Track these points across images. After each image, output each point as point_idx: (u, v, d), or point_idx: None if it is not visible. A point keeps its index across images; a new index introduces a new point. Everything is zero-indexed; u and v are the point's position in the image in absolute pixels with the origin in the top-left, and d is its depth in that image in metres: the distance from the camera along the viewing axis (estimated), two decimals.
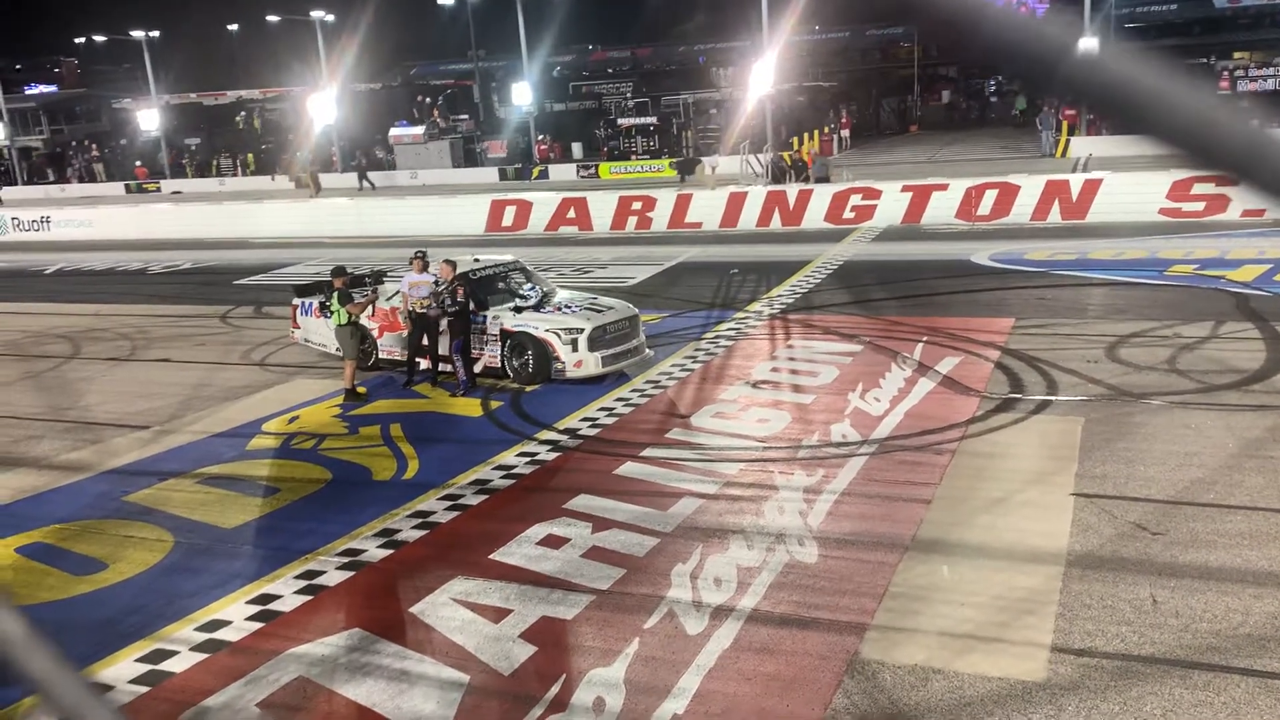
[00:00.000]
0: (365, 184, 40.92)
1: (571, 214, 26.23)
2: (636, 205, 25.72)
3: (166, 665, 6.39)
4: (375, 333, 13.38)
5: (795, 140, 36.80)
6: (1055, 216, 21.83)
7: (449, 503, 8.82)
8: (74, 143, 58.84)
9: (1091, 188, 21.87)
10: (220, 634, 6.76)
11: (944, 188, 23.02)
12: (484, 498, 8.93)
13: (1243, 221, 19.96)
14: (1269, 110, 28.30)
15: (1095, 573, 6.84)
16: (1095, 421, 9.74)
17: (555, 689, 5.87)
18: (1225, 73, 38.50)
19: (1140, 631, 6.09)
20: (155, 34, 49.52)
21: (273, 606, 7.10)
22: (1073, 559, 7.06)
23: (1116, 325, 13.16)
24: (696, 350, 13.54)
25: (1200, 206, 20.68)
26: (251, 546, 8.29)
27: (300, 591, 7.31)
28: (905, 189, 23.37)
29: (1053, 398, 10.58)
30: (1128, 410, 10.05)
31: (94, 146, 56.34)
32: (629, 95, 51.72)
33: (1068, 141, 34.80)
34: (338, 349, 12.87)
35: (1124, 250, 18.18)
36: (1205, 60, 41.47)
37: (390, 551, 7.92)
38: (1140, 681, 5.60)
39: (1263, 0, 48.10)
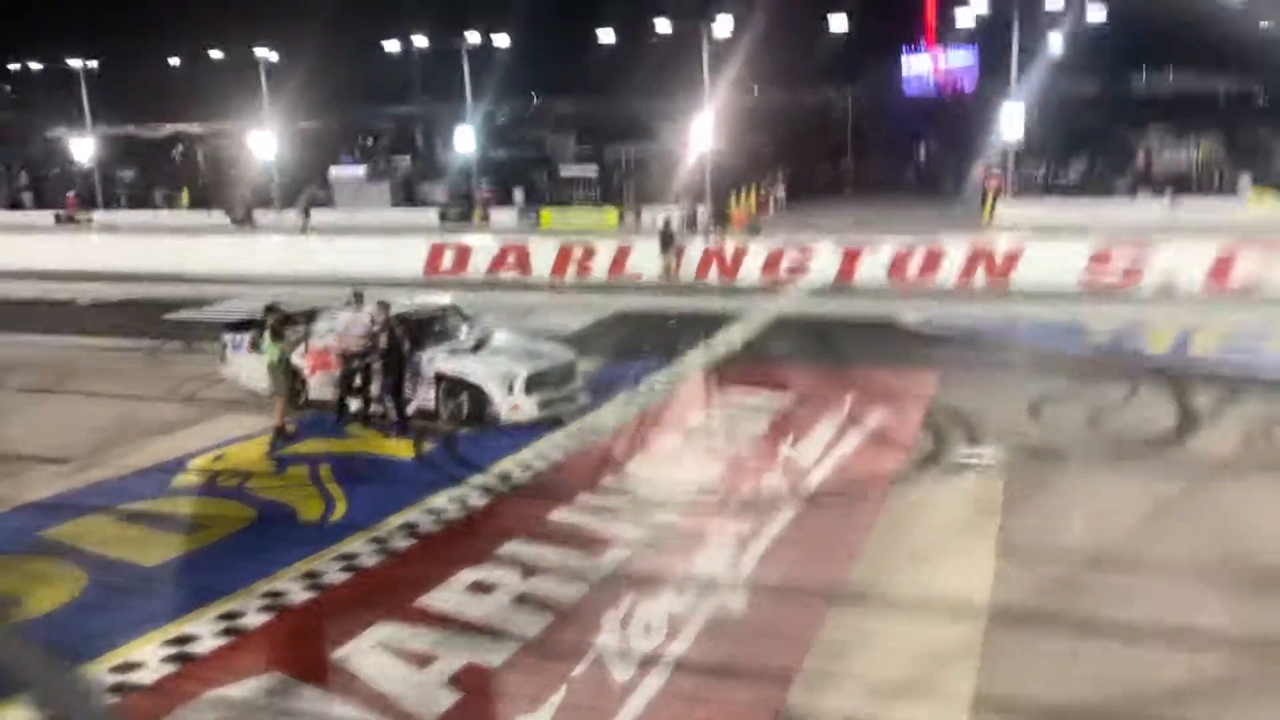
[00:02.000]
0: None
1: (511, 259, 26.27)
2: (577, 253, 25.86)
3: None
4: (307, 371, 13.22)
5: (733, 196, 37.40)
6: (980, 280, 22.43)
7: (376, 545, 8.70)
8: (3, 168, 57.41)
9: (1015, 254, 22.54)
10: (134, 676, 6.56)
11: (875, 248, 23.53)
12: (413, 541, 8.83)
13: (1157, 290, 20.67)
14: (1178, 189, 29.52)
15: (1017, 625, 6.98)
16: (1018, 478, 9.98)
17: None
18: (1142, 146, 40.15)
19: (1059, 684, 6.22)
20: (93, 64, 48.78)
21: (190, 648, 6.91)
22: (995, 611, 7.20)
23: (1038, 385, 13.52)
24: (633, 398, 13.60)
25: (1118, 275, 21.43)
26: (171, 586, 8.08)
27: (220, 633, 7.13)
28: (838, 248, 23.84)
29: (976, 453, 10.82)
30: (1049, 468, 10.32)
31: (23, 174, 55.04)
32: (572, 144, 52.17)
33: (993, 208, 35.87)
34: (268, 386, 12.68)
35: (1045, 314, 18.73)
36: (1123, 134, 43.15)
37: (314, 594, 7.78)
38: None
39: (1177, 86, 50.59)
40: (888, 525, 8.96)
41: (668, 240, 24.67)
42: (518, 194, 45.51)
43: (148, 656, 6.80)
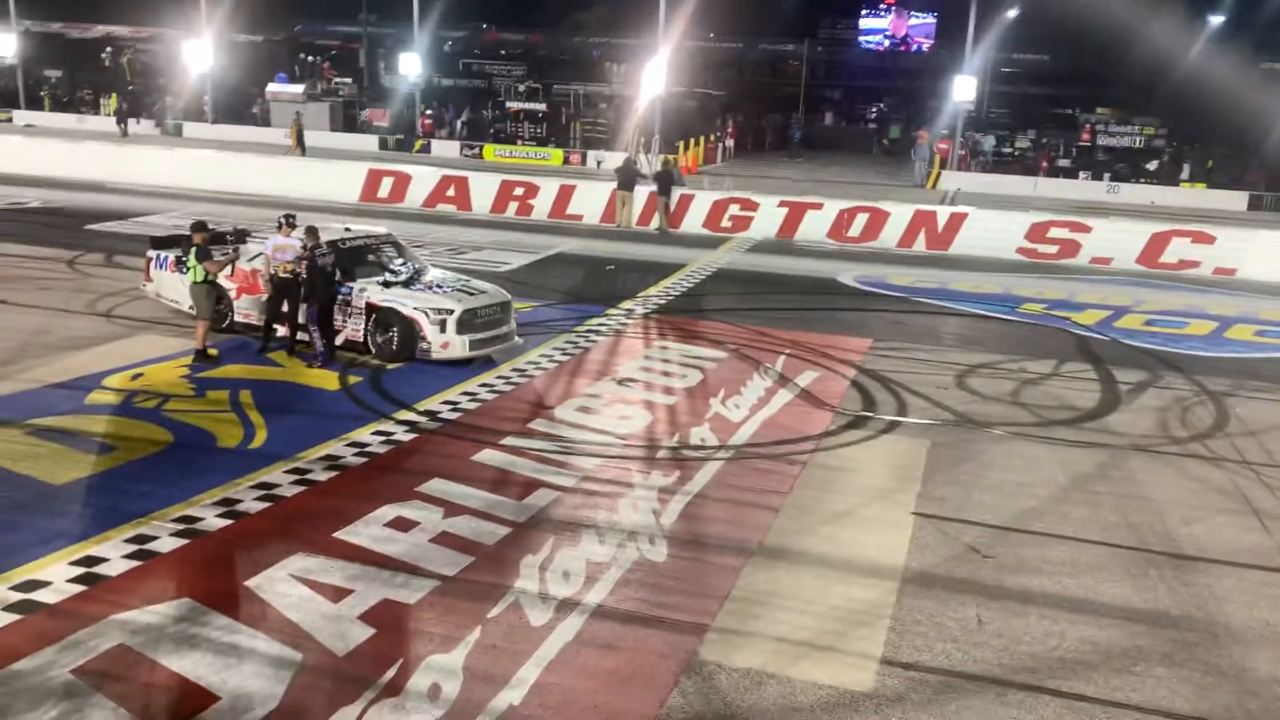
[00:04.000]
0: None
1: (451, 192, 25.82)
2: (519, 191, 25.50)
3: None
4: (233, 294, 12.88)
5: (681, 144, 37.13)
6: (920, 245, 22.66)
7: (296, 476, 8.56)
8: None
9: (956, 221, 22.78)
10: (37, 595, 6.39)
11: (818, 207, 23.60)
12: (333, 474, 8.70)
13: (1091, 268, 21.15)
14: (1121, 163, 29.98)
15: (928, 590, 7.13)
16: (940, 445, 10.15)
17: (391, 673, 5.77)
18: (1088, 125, 40.65)
19: (964, 649, 6.37)
20: None
21: (98, 569, 6.75)
22: (908, 575, 7.34)
23: (967, 355, 13.75)
24: (566, 343, 13.52)
25: (1054, 249, 21.82)
26: (80, 505, 7.86)
27: (129, 556, 6.97)
28: (782, 204, 23.85)
29: (902, 419, 10.97)
30: (971, 437, 10.51)
31: None
32: (520, 79, 51.22)
33: (939, 174, 36.19)
34: (191, 307, 12.33)
35: (981, 284, 19.00)
36: (1070, 111, 43.66)
37: (229, 522, 7.63)
38: (960, 696, 5.87)
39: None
40: (811, 484, 9.05)
41: (667, 182, 23.98)
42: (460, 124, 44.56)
43: (53, 575, 6.62)
